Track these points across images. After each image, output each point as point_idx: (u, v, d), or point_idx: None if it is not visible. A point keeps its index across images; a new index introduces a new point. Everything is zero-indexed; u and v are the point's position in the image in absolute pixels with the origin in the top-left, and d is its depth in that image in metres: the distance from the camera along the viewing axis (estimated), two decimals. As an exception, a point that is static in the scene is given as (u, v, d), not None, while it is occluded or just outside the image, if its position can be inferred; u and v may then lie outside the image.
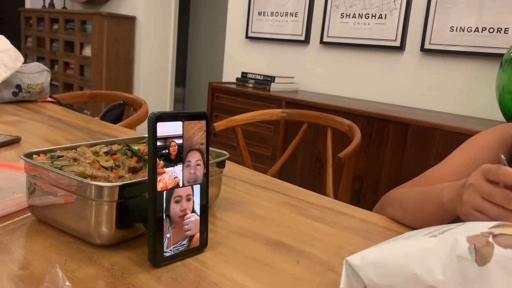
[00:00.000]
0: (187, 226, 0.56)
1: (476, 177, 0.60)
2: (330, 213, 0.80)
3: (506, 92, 1.88)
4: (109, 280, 0.51)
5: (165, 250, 0.54)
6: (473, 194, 0.59)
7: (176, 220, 0.55)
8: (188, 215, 0.56)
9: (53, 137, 1.17)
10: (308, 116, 1.74)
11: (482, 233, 0.44)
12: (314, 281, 0.55)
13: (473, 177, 0.61)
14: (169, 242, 0.55)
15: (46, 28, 4.47)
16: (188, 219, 0.56)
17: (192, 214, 0.57)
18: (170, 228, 0.55)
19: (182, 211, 0.56)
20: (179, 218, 0.56)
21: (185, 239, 0.57)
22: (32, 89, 1.62)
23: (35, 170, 0.62)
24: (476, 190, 0.59)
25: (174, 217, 0.55)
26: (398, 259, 0.46)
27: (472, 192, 0.60)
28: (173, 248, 0.55)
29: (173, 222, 0.55)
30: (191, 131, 0.56)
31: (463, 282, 0.41)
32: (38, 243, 0.58)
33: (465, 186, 0.62)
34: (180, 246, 0.56)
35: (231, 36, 3.40)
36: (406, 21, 2.50)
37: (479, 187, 0.59)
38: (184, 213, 0.56)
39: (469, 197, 0.60)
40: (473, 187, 0.60)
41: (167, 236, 0.54)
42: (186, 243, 0.57)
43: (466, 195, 0.61)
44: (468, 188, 0.61)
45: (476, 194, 0.59)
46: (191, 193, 0.57)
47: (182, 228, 0.56)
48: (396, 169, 2.08)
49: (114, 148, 0.73)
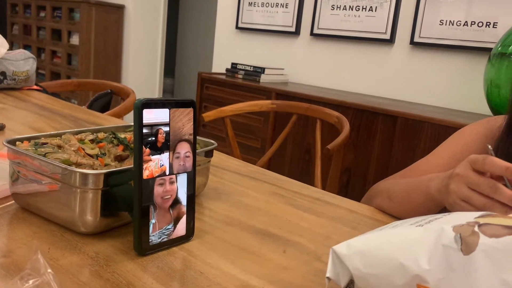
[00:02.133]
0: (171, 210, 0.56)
1: (463, 167, 0.60)
2: (318, 203, 0.80)
3: (494, 86, 1.89)
4: (94, 268, 0.50)
5: (151, 234, 0.54)
6: (460, 184, 0.60)
7: (160, 204, 0.54)
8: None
9: (38, 125, 1.16)
10: (297, 108, 1.74)
11: (468, 222, 0.44)
12: (301, 270, 0.55)
13: (460, 167, 0.61)
14: (154, 227, 0.54)
15: (32, 16, 4.39)
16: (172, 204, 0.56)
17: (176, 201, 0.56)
18: (155, 214, 0.54)
19: (165, 192, 0.55)
20: (163, 201, 0.55)
21: (170, 224, 0.56)
22: (18, 76, 1.59)
23: (19, 157, 0.61)
24: (462, 180, 0.59)
25: (157, 200, 0.54)
26: (385, 248, 0.46)
27: (459, 182, 0.60)
28: (159, 232, 0.55)
29: (157, 206, 0.54)
30: (180, 122, 0.55)
31: (448, 271, 0.42)
32: (21, 231, 0.57)
33: (452, 176, 0.62)
34: (166, 231, 0.55)
35: (221, 27, 3.37)
36: (396, 14, 2.50)
37: (466, 177, 0.59)
38: (168, 195, 0.55)
39: (455, 187, 0.60)
40: (460, 177, 0.60)
41: (152, 222, 0.54)
42: (171, 228, 0.56)
43: (453, 185, 0.61)
44: (455, 178, 0.61)
45: (462, 184, 0.59)
46: (182, 186, 0.56)
47: (166, 212, 0.55)
48: (384, 161, 2.10)
49: (100, 136, 0.72)
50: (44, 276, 0.37)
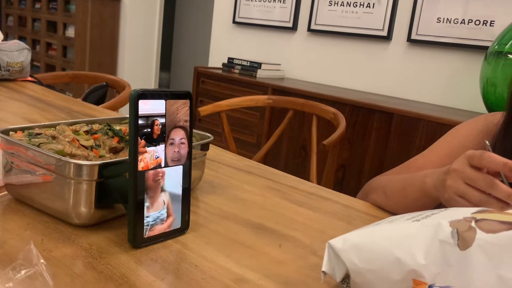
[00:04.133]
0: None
1: (460, 162, 0.60)
2: (313, 198, 0.79)
3: (490, 84, 1.89)
4: (87, 260, 0.50)
5: (146, 215, 0.53)
6: (457, 180, 0.60)
7: (150, 185, 0.53)
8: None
9: (32, 116, 1.14)
10: (293, 103, 1.73)
11: (465, 218, 0.44)
12: (296, 264, 0.54)
13: (457, 163, 0.61)
14: (148, 210, 0.53)
15: (27, 7, 4.35)
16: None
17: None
18: (147, 198, 0.53)
19: (155, 182, 0.54)
20: (154, 183, 0.53)
21: (163, 208, 0.55)
22: (12, 67, 1.58)
23: (12, 147, 0.60)
24: (459, 176, 0.59)
25: (148, 181, 0.53)
26: (381, 243, 0.46)
27: (456, 177, 0.60)
28: (153, 215, 0.54)
29: (148, 188, 0.53)
30: (174, 106, 0.55)
31: (445, 266, 0.41)
32: (14, 222, 0.56)
33: (449, 171, 0.62)
34: (160, 215, 0.55)
35: (218, 21, 3.35)
36: (394, 11, 2.50)
37: (463, 172, 0.59)
38: (158, 176, 0.54)
39: (452, 183, 0.60)
40: (456, 172, 0.60)
41: (145, 205, 0.53)
42: (164, 213, 0.55)
43: (449, 181, 0.61)
44: (452, 173, 0.61)
45: (459, 180, 0.59)
46: (178, 178, 0.56)
47: (157, 191, 0.54)
48: (379, 158, 2.10)
49: (95, 127, 0.71)
50: (37, 267, 0.36)
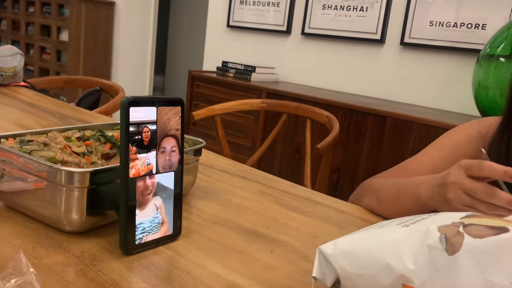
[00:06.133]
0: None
1: (456, 174, 0.59)
2: (306, 203, 0.80)
3: (482, 87, 1.91)
4: (79, 267, 0.50)
5: (137, 222, 0.53)
6: (458, 192, 0.59)
7: (142, 192, 0.54)
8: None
9: (25, 121, 1.14)
10: (287, 107, 1.74)
11: (453, 223, 0.44)
12: (288, 270, 0.55)
13: (454, 175, 0.60)
14: (140, 217, 0.53)
15: (21, 11, 4.34)
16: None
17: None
18: (139, 204, 0.53)
19: (146, 188, 0.54)
20: (145, 190, 0.54)
21: (155, 214, 0.55)
22: (5, 72, 1.57)
23: (4, 154, 0.60)
24: (459, 188, 0.58)
25: (151, 201, 0.54)
26: (371, 248, 0.46)
27: (455, 189, 0.59)
28: (145, 221, 0.54)
29: (139, 195, 0.53)
30: (166, 116, 0.55)
31: (433, 271, 0.42)
32: (5, 230, 0.56)
33: (446, 184, 0.60)
34: (152, 221, 0.55)
35: (212, 25, 3.36)
36: (387, 14, 2.51)
37: (462, 184, 0.58)
38: (149, 190, 0.54)
39: (455, 196, 0.59)
40: (455, 185, 0.59)
41: (137, 212, 0.53)
42: (156, 219, 0.56)
43: (450, 194, 0.60)
44: (450, 186, 0.60)
45: (460, 191, 0.58)
46: (169, 184, 0.56)
47: (149, 198, 0.54)
48: (373, 161, 2.11)
49: (87, 133, 0.71)
50: (26, 276, 0.36)
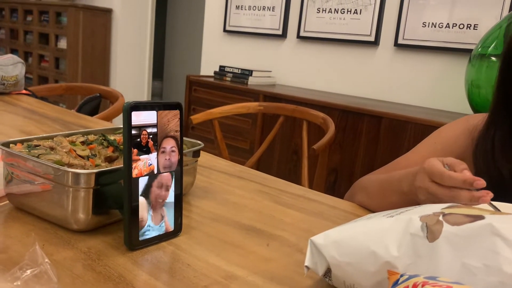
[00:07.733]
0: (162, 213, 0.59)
1: (422, 179, 0.64)
2: (301, 200, 0.83)
3: (474, 86, 1.95)
4: (86, 262, 0.53)
5: (147, 227, 0.57)
6: (427, 195, 0.63)
7: (154, 203, 0.58)
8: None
9: (28, 128, 1.18)
10: (284, 109, 1.77)
11: (434, 213, 0.48)
12: (282, 261, 0.58)
13: (419, 180, 0.64)
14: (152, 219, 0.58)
15: (19, 20, 4.38)
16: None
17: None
18: (151, 211, 0.58)
19: (160, 196, 0.58)
20: (157, 203, 0.58)
21: (162, 222, 0.59)
22: (7, 81, 1.61)
23: (13, 159, 0.63)
24: (426, 192, 0.63)
25: (153, 200, 0.58)
26: (358, 238, 0.49)
27: (424, 193, 0.63)
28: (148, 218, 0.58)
29: (152, 204, 0.57)
30: (166, 118, 0.58)
31: (415, 257, 0.45)
32: (16, 229, 0.60)
33: (415, 188, 0.65)
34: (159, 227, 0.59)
35: (209, 30, 3.40)
36: (381, 16, 2.56)
37: (427, 189, 0.63)
38: (162, 199, 0.59)
39: (425, 198, 0.64)
40: (421, 189, 0.64)
41: (150, 214, 0.57)
42: (163, 224, 0.60)
43: (421, 196, 0.64)
44: (418, 190, 0.65)
45: (429, 195, 0.63)
46: (170, 184, 0.60)
47: (159, 212, 0.59)
48: (369, 161, 2.14)
49: (90, 138, 0.75)
50: (42, 266, 0.40)
